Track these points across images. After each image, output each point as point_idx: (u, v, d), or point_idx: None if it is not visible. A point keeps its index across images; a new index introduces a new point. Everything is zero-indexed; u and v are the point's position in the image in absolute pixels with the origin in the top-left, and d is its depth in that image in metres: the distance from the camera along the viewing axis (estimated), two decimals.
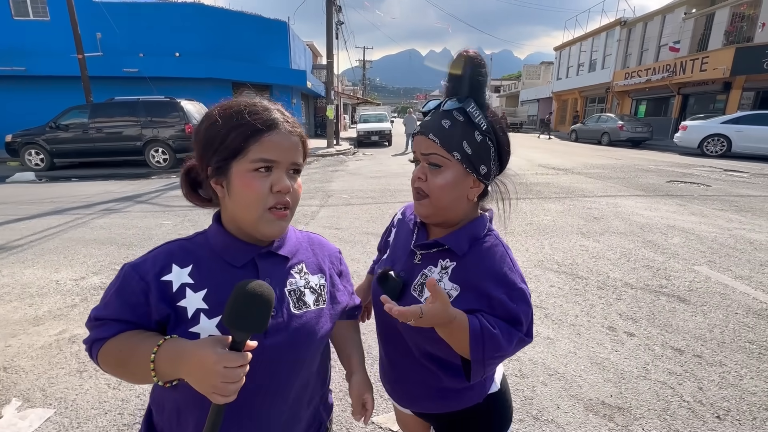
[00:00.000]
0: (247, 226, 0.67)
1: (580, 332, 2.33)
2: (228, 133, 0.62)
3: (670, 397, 1.78)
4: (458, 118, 0.74)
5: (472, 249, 0.80)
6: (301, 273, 0.74)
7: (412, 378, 0.90)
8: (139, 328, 0.63)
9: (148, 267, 0.64)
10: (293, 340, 0.68)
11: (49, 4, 13.98)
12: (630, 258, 3.51)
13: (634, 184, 7.25)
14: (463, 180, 0.77)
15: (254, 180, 0.62)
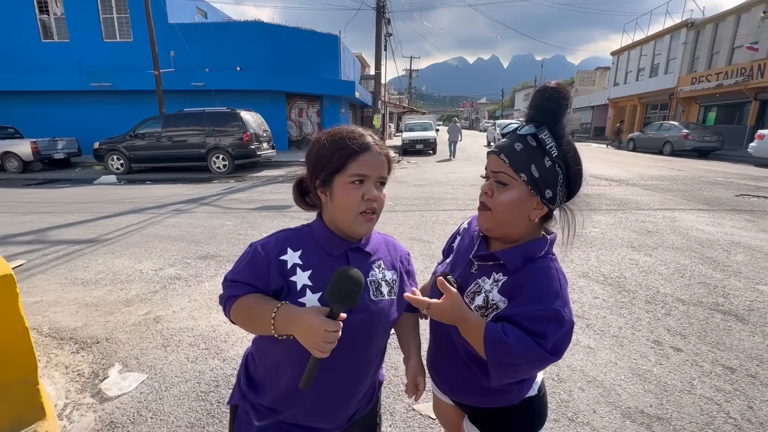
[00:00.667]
0: (343, 226, 0.83)
1: (623, 344, 2.33)
2: (333, 154, 0.80)
3: (715, 413, 1.76)
4: (531, 143, 0.81)
5: (524, 267, 0.84)
6: (380, 268, 0.89)
7: (455, 373, 0.99)
8: (261, 292, 0.81)
9: (271, 247, 0.82)
10: (370, 320, 0.83)
11: (132, 27, 15.77)
12: (684, 274, 3.36)
13: (697, 197, 6.78)
14: (527, 200, 0.83)
15: (351, 190, 0.80)
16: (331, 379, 0.83)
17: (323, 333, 0.68)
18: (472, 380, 0.95)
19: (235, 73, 15.53)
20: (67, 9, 15.83)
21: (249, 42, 15.89)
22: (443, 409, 1.20)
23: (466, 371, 0.95)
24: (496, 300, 0.84)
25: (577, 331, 2.48)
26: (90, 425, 1.73)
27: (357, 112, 23.97)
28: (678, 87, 21.60)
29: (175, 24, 15.11)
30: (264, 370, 0.88)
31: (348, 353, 0.82)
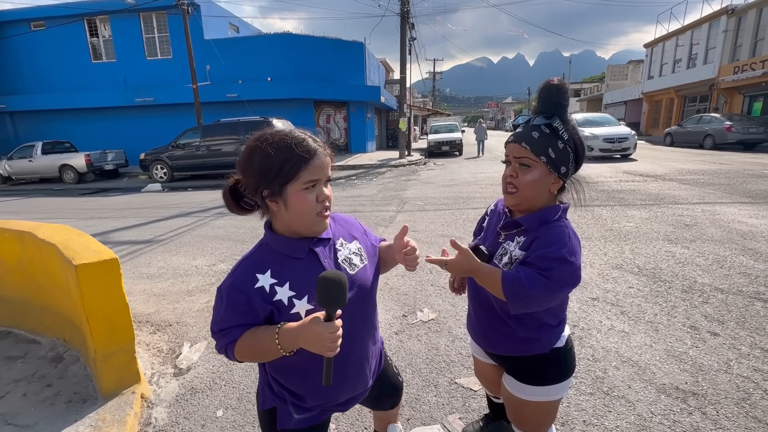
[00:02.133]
0: (302, 229, 0.87)
1: (658, 329, 2.39)
2: (283, 164, 0.81)
3: (752, 390, 1.82)
4: (545, 131, 1.00)
5: (541, 227, 1.02)
6: (343, 245, 0.96)
7: (493, 326, 1.15)
8: (253, 326, 0.85)
9: (241, 283, 0.84)
10: (359, 292, 0.92)
11: (172, 44, 16.81)
12: (724, 265, 3.33)
13: (740, 190, 6.52)
14: (547, 177, 1.01)
15: (306, 196, 0.83)
16: (347, 358, 0.92)
17: (328, 336, 0.75)
18: (507, 331, 1.12)
19: (266, 84, 16.22)
20: (114, 31, 17.10)
21: (278, 53, 16.57)
22: (483, 369, 1.39)
23: (502, 323, 1.12)
24: (517, 255, 1.03)
25: (611, 317, 2.56)
26: (175, 390, 2.00)
27: (382, 116, 24.29)
28: (719, 77, 20.52)
29: (210, 40, 15.98)
30: (288, 381, 0.95)
31: (352, 325, 0.90)
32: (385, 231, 5.06)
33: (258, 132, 0.87)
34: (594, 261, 3.58)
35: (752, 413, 1.68)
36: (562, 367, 1.13)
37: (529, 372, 1.13)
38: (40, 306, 2.35)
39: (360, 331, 0.96)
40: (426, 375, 2.08)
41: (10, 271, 2.41)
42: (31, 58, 17.65)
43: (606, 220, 5.02)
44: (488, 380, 1.41)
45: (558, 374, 1.12)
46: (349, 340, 0.88)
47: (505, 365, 1.21)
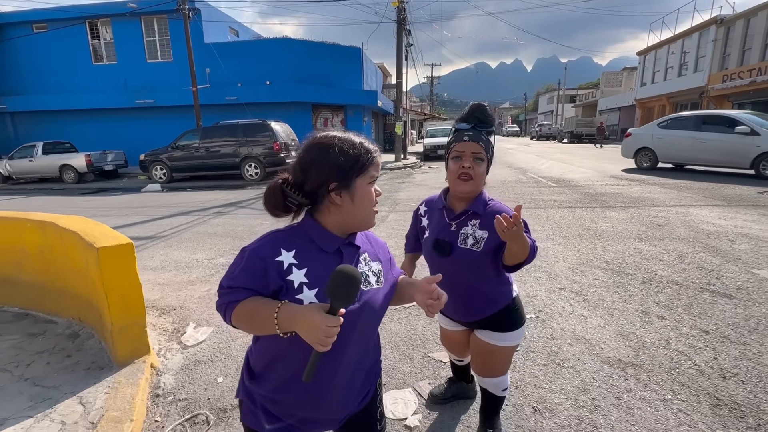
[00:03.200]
0: (358, 222, 0.89)
1: (613, 314, 2.67)
2: (358, 158, 0.86)
3: (683, 362, 2.10)
4: (488, 135, 1.36)
5: (486, 209, 1.34)
6: (366, 261, 0.94)
7: (472, 297, 1.41)
8: (260, 295, 0.83)
9: (265, 251, 0.84)
10: (362, 309, 0.87)
11: (172, 48, 17.09)
12: (684, 260, 3.62)
13: (717, 194, 6.84)
14: (485, 170, 1.34)
15: (370, 189, 0.89)
16: (330, 367, 0.88)
17: (325, 329, 0.71)
18: (483, 298, 1.41)
19: (265, 87, 16.50)
20: (115, 34, 17.37)
21: (278, 57, 16.87)
22: (453, 336, 1.65)
23: (477, 293, 1.40)
24: (480, 233, 1.32)
25: (574, 304, 2.84)
26: (180, 361, 2.26)
27: (379, 120, 24.62)
28: (709, 85, 21.00)
29: (210, 44, 16.27)
30: (265, 362, 0.92)
31: (346, 341, 0.86)
32: (376, 230, 5.33)
33: (321, 132, 0.90)
34: (567, 257, 3.86)
35: (679, 379, 1.96)
36: (520, 313, 1.46)
37: (502, 322, 1.43)
38: (57, 289, 2.60)
39: (354, 348, 0.91)
40: (403, 350, 2.34)
41: (30, 257, 2.66)
42: (32, 59, 17.86)
43: (585, 220, 5.31)
44: (456, 345, 1.67)
45: (518, 320, 1.45)
46: (340, 350, 0.86)
47: (479, 326, 1.48)
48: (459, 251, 1.33)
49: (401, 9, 14.97)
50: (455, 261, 1.35)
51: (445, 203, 1.40)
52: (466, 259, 1.33)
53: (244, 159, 12.19)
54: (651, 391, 1.88)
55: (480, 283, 1.38)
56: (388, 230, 5.24)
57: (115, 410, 1.75)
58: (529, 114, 67.44)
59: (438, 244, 1.36)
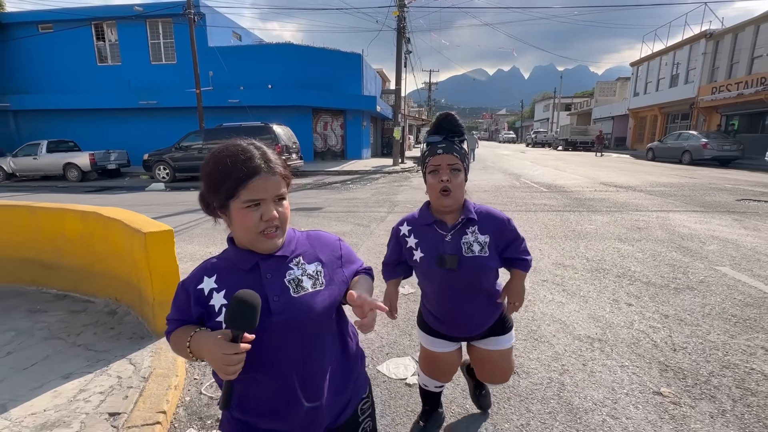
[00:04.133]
0: (248, 245, 0.85)
1: (588, 301, 3.03)
2: (222, 181, 0.79)
3: (642, 338, 2.45)
4: (461, 145, 1.34)
5: (479, 214, 1.36)
6: (299, 265, 0.89)
7: (482, 311, 1.43)
8: (189, 323, 0.86)
9: (189, 281, 0.87)
10: (294, 317, 0.83)
11: (176, 50, 17.43)
12: (657, 258, 4.00)
13: (697, 201, 7.26)
14: (463, 179, 1.32)
15: (247, 214, 0.80)
16: (275, 382, 0.86)
17: (220, 357, 0.70)
18: (491, 307, 1.44)
19: (266, 91, 16.87)
20: (120, 36, 17.69)
21: (280, 62, 17.26)
22: (446, 359, 1.56)
23: (486, 305, 1.43)
24: (482, 239, 1.34)
25: (554, 293, 3.19)
26: None
27: (378, 124, 25.03)
28: (698, 96, 21.64)
29: (214, 47, 16.63)
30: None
31: (283, 353, 0.84)
32: (377, 228, 5.68)
33: (220, 144, 0.86)
34: (552, 254, 4.22)
35: (636, 351, 2.31)
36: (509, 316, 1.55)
37: (502, 325, 1.50)
38: (95, 272, 2.92)
39: (292, 362, 0.86)
40: (403, 328, 2.69)
41: (71, 243, 2.97)
42: (36, 59, 18.11)
43: (571, 222, 5.69)
44: (449, 367, 1.59)
45: (511, 319, 1.55)
46: (277, 361, 0.84)
47: (481, 335, 1.49)
48: (467, 260, 1.31)
49: (401, 18, 15.42)
50: (464, 272, 1.32)
51: (434, 218, 1.37)
52: (476, 267, 1.32)
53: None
54: (612, 360, 2.23)
55: (487, 289, 1.40)
56: (387, 228, 5.55)
57: (161, 368, 2.07)
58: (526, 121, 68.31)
59: (442, 260, 1.31)
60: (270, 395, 0.87)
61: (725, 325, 2.60)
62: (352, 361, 0.99)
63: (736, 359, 2.21)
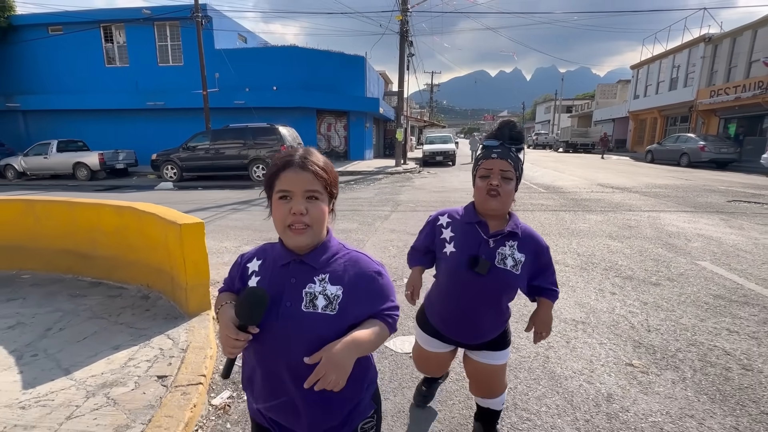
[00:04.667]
0: (281, 239, 0.91)
1: (575, 290, 3.32)
2: (267, 175, 0.90)
3: (621, 321, 2.74)
4: (516, 153, 1.29)
5: (523, 232, 1.33)
6: (322, 281, 0.88)
7: (488, 319, 1.40)
8: (230, 291, 0.97)
9: (246, 257, 0.97)
10: (297, 326, 0.85)
11: (183, 52, 17.78)
12: (643, 254, 4.29)
13: (690, 202, 7.53)
14: (514, 188, 1.28)
15: (279, 206, 0.86)
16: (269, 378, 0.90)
17: (226, 339, 0.79)
18: (494, 321, 1.42)
19: (271, 92, 17.20)
20: (128, 38, 18.04)
21: (284, 64, 17.59)
22: (437, 357, 1.59)
23: (497, 316, 1.41)
24: (519, 257, 1.31)
25: None
26: None
27: (380, 126, 25.34)
28: (697, 100, 21.90)
29: (221, 50, 16.96)
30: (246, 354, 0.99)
31: (274, 355, 0.87)
32: (381, 225, 5.97)
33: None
34: None
35: (615, 332, 2.60)
36: (510, 330, 1.54)
37: (502, 341, 1.47)
38: (128, 261, 3.22)
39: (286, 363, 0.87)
40: (407, 312, 2.98)
41: (106, 236, 3.27)
42: (46, 60, 18.47)
43: (566, 221, 5.98)
44: (440, 365, 1.63)
45: (510, 336, 1.53)
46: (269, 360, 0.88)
47: (477, 347, 1.48)
48: (497, 271, 1.30)
49: (404, 22, 15.73)
50: (490, 281, 1.31)
51: (480, 218, 1.35)
52: (502, 280, 1.30)
53: (252, 161, 12.81)
54: (592, 338, 2.52)
55: (501, 305, 1.38)
56: (389, 227, 5.86)
57: (197, 342, 2.37)
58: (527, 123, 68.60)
59: (476, 261, 1.30)
60: (264, 386, 0.91)
61: (697, 311, 2.89)
62: (351, 389, 0.92)
63: (702, 339, 2.50)
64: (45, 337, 2.42)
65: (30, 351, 2.26)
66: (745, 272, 3.66)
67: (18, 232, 3.52)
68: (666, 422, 1.78)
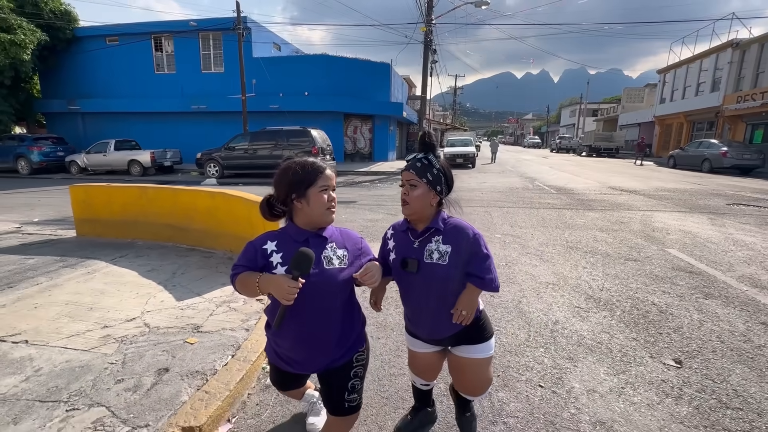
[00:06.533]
0: (317, 219, 1.33)
1: (555, 264, 4.21)
2: (307, 175, 1.30)
3: (583, 284, 3.63)
4: (424, 162, 1.43)
5: (445, 225, 1.45)
6: (332, 247, 1.35)
7: (443, 312, 1.47)
8: (251, 269, 1.29)
9: (257, 242, 1.34)
10: (324, 280, 1.30)
11: (224, 60, 19.39)
12: (623, 242, 5.10)
13: (689, 204, 8.12)
14: (428, 193, 1.42)
15: (322, 195, 1.31)
16: (304, 321, 1.32)
17: (286, 288, 1.14)
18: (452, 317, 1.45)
19: (303, 97, 18.54)
20: (176, 47, 19.83)
21: (316, 71, 18.91)
22: (425, 359, 1.66)
23: (447, 310, 1.46)
24: (444, 248, 1.42)
25: (533, 260, 4.39)
26: None
27: (403, 128, 26.35)
28: (723, 105, 21.77)
29: (259, 58, 18.44)
30: (269, 317, 1.44)
31: (312, 301, 1.29)
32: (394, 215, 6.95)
33: (284, 160, 1.38)
34: (540, 237, 5.39)
35: (576, 291, 3.50)
36: (488, 324, 1.57)
37: (477, 332, 1.52)
38: (216, 233, 4.35)
39: (319, 312, 1.32)
40: None
41: (200, 213, 4.42)
42: (103, 67, 20.53)
43: (566, 217, 6.79)
44: (426, 367, 1.69)
45: (488, 329, 1.56)
46: (308, 307, 1.28)
47: (453, 341, 1.55)
48: (426, 266, 1.43)
49: (428, 32, 16.70)
50: (424, 276, 1.43)
51: (408, 225, 1.52)
52: (434, 274, 1.42)
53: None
54: (557, 292, 3.44)
55: (450, 297, 1.46)
56: None
57: None
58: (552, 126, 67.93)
59: (405, 263, 1.47)
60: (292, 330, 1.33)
61: (646, 280, 3.75)
62: (354, 323, 1.46)
63: (639, 295, 3.37)
64: (175, 276, 3.57)
65: (170, 283, 3.41)
66: (704, 258, 4.43)
67: (134, 210, 4.74)
68: (588, 336, 2.70)
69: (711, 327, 2.80)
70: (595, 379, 2.20)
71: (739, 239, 5.22)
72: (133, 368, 2.13)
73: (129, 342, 2.40)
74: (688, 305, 3.17)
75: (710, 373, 2.25)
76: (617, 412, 1.93)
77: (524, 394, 2.08)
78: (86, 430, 1.67)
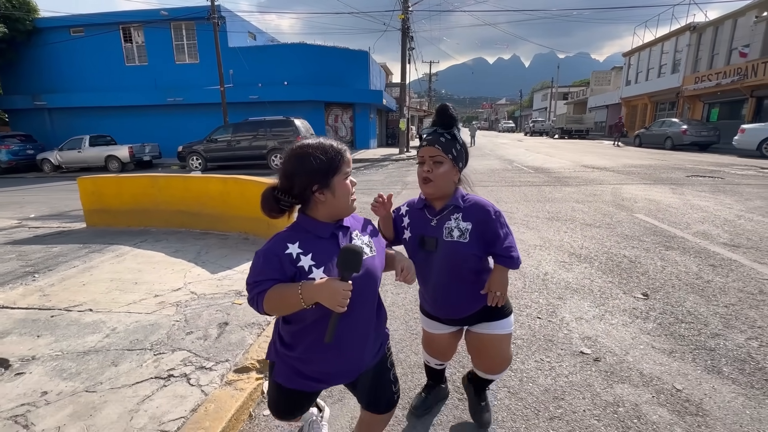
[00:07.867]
0: (342, 210, 1.14)
1: (539, 231, 4.75)
2: (331, 161, 1.09)
3: (565, 245, 4.17)
4: (448, 137, 1.37)
5: (465, 202, 1.41)
6: (358, 236, 1.20)
7: (468, 293, 1.47)
8: (280, 281, 1.06)
9: (275, 248, 1.09)
10: (365, 274, 1.12)
11: (199, 51, 18.98)
12: (598, 211, 5.71)
13: (653, 177, 8.91)
14: (451, 170, 1.38)
15: (346, 183, 1.13)
16: (353, 323, 1.15)
17: (342, 292, 0.97)
18: (470, 292, 1.47)
19: (283, 87, 18.46)
20: (146, 38, 19.23)
21: (295, 60, 18.83)
22: (441, 340, 1.65)
23: (473, 287, 1.46)
24: (464, 226, 1.39)
25: (522, 229, 4.91)
26: None
27: (383, 116, 26.58)
28: (683, 86, 23.12)
29: (235, 47, 18.17)
30: (293, 332, 1.19)
31: (358, 298, 1.09)
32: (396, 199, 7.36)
33: (296, 145, 1.13)
34: (524, 210, 5.93)
35: (560, 249, 4.03)
36: (508, 299, 1.53)
37: (497, 310, 1.50)
38: (229, 216, 4.62)
39: (362, 309, 1.16)
40: None
41: (213, 198, 4.67)
42: (69, 60, 19.68)
43: (545, 193, 7.39)
44: (442, 348, 1.67)
45: (509, 305, 1.55)
46: (353, 311, 1.08)
47: (472, 321, 1.53)
48: (446, 244, 1.39)
49: (405, 20, 16.92)
50: (443, 255, 1.40)
51: (425, 203, 1.46)
52: (455, 252, 1.38)
53: (270, 150, 14.13)
54: (544, 252, 3.96)
55: (469, 275, 1.43)
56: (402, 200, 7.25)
57: None
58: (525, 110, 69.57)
59: (424, 240, 1.42)
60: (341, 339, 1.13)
61: (618, 239, 4.32)
62: (381, 309, 1.30)
63: (613, 251, 3.93)
64: (200, 255, 3.86)
65: (199, 260, 3.70)
66: (666, 219, 5.08)
67: (145, 200, 4.94)
68: (573, 281, 3.22)
69: (671, 270, 3.37)
70: (581, 310, 2.71)
71: (695, 204, 5.92)
72: (197, 323, 2.47)
73: (184, 305, 2.73)
74: (653, 255, 3.75)
75: (670, 300, 2.80)
76: (600, 330, 2.44)
77: (527, 324, 2.57)
78: (178, 365, 2.02)
